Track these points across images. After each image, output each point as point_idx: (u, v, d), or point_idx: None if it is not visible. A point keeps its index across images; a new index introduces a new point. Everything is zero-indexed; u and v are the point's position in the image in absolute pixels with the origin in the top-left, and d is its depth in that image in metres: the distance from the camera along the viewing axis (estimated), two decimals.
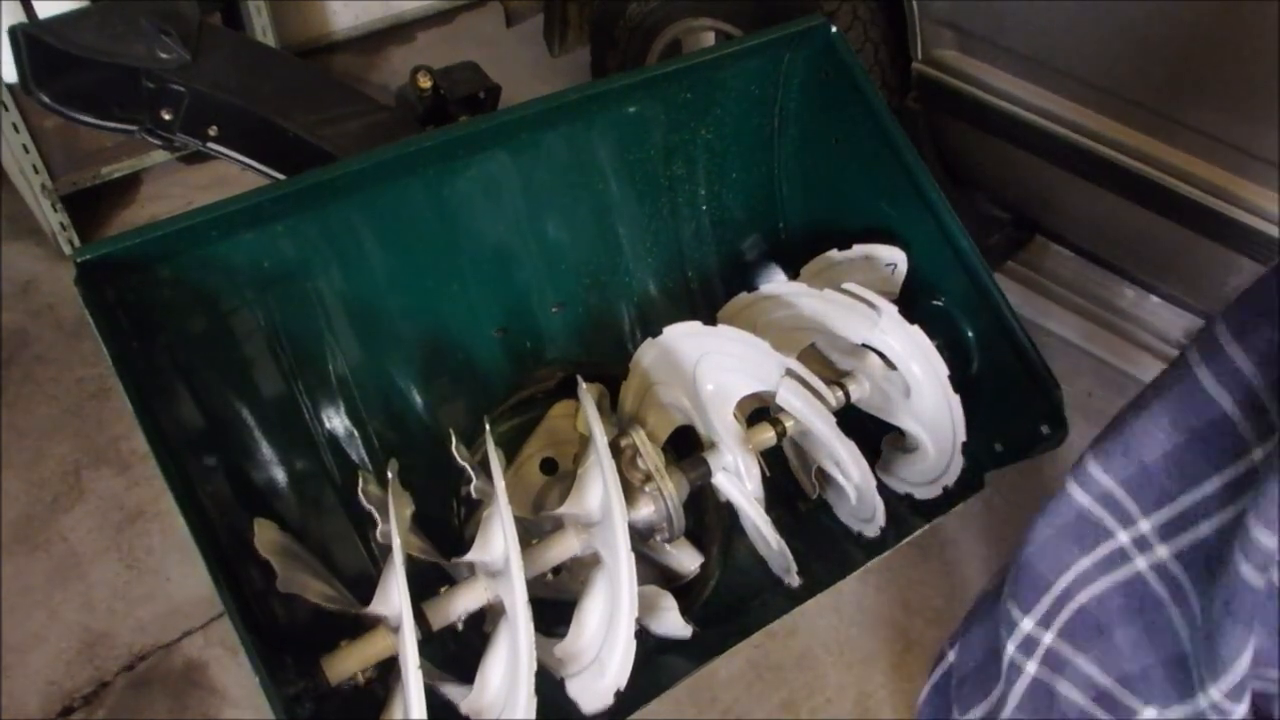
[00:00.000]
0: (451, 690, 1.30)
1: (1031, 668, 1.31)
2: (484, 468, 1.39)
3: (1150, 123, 1.94)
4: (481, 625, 1.38)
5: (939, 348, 1.55)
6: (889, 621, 2.16)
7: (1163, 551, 1.14)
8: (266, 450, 1.51)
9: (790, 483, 1.73)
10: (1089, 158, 2.06)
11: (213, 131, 1.85)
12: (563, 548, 1.37)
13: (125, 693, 2.03)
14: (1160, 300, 2.26)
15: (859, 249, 1.68)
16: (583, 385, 1.46)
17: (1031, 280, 2.37)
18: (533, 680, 1.20)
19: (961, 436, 1.56)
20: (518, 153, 1.58)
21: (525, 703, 1.20)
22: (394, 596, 1.23)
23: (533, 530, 1.45)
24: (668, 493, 1.41)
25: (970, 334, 1.62)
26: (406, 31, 4.06)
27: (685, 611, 1.45)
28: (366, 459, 1.58)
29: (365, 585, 1.34)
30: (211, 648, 2.09)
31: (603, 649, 1.28)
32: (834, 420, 1.47)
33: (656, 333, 1.55)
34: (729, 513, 1.64)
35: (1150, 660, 1.19)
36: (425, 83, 2.14)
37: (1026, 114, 2.11)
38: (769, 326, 1.63)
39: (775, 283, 1.70)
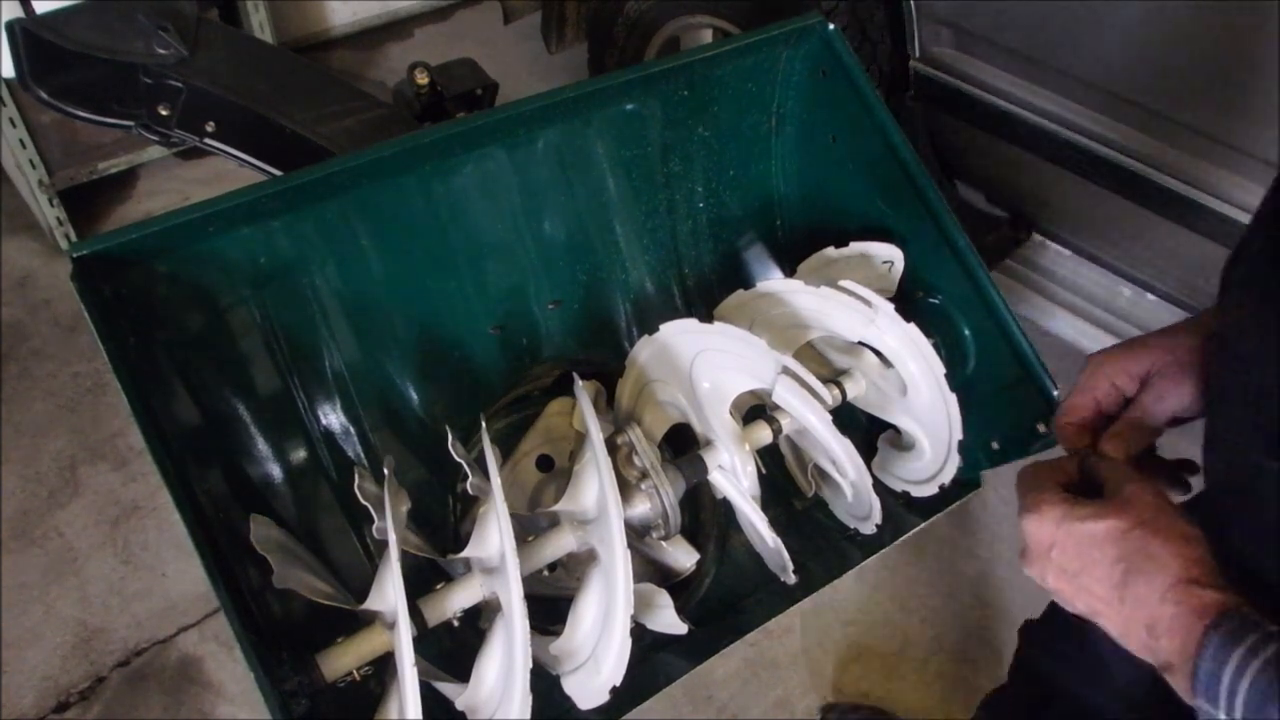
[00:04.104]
0: (447, 687, 1.30)
1: None
2: (480, 464, 1.39)
3: (1147, 120, 1.95)
4: (477, 622, 1.38)
5: (935, 346, 1.55)
6: (885, 620, 2.16)
7: None
8: (263, 446, 1.51)
9: (786, 480, 1.73)
10: (1086, 155, 2.06)
11: (210, 127, 1.85)
12: (558, 544, 1.37)
13: (121, 688, 2.03)
14: (1157, 299, 2.26)
15: (856, 246, 1.68)
16: (579, 382, 1.46)
17: (1028, 278, 2.37)
18: (528, 677, 1.19)
19: (958, 435, 1.55)
20: (514, 149, 1.58)
21: (520, 700, 1.20)
22: (389, 593, 1.23)
23: (529, 527, 1.45)
24: (664, 490, 1.41)
25: (967, 332, 1.62)
26: (404, 28, 4.07)
27: (681, 609, 1.44)
28: (363, 455, 1.58)
29: (361, 581, 1.34)
30: (207, 643, 2.09)
31: (598, 646, 1.28)
32: (830, 418, 1.46)
33: (653, 330, 1.55)
34: (725, 510, 1.64)
35: None
36: (423, 79, 2.14)
37: (1024, 112, 2.11)
38: (765, 324, 1.63)
39: (772, 280, 1.70)
